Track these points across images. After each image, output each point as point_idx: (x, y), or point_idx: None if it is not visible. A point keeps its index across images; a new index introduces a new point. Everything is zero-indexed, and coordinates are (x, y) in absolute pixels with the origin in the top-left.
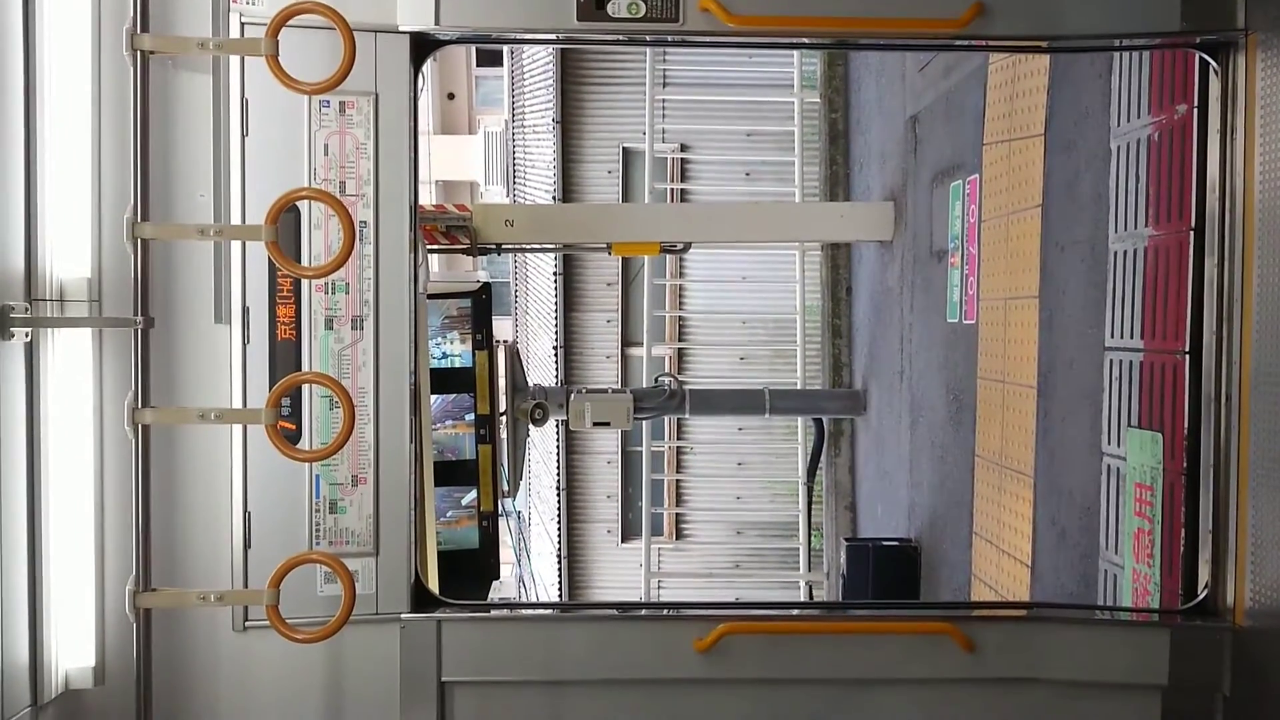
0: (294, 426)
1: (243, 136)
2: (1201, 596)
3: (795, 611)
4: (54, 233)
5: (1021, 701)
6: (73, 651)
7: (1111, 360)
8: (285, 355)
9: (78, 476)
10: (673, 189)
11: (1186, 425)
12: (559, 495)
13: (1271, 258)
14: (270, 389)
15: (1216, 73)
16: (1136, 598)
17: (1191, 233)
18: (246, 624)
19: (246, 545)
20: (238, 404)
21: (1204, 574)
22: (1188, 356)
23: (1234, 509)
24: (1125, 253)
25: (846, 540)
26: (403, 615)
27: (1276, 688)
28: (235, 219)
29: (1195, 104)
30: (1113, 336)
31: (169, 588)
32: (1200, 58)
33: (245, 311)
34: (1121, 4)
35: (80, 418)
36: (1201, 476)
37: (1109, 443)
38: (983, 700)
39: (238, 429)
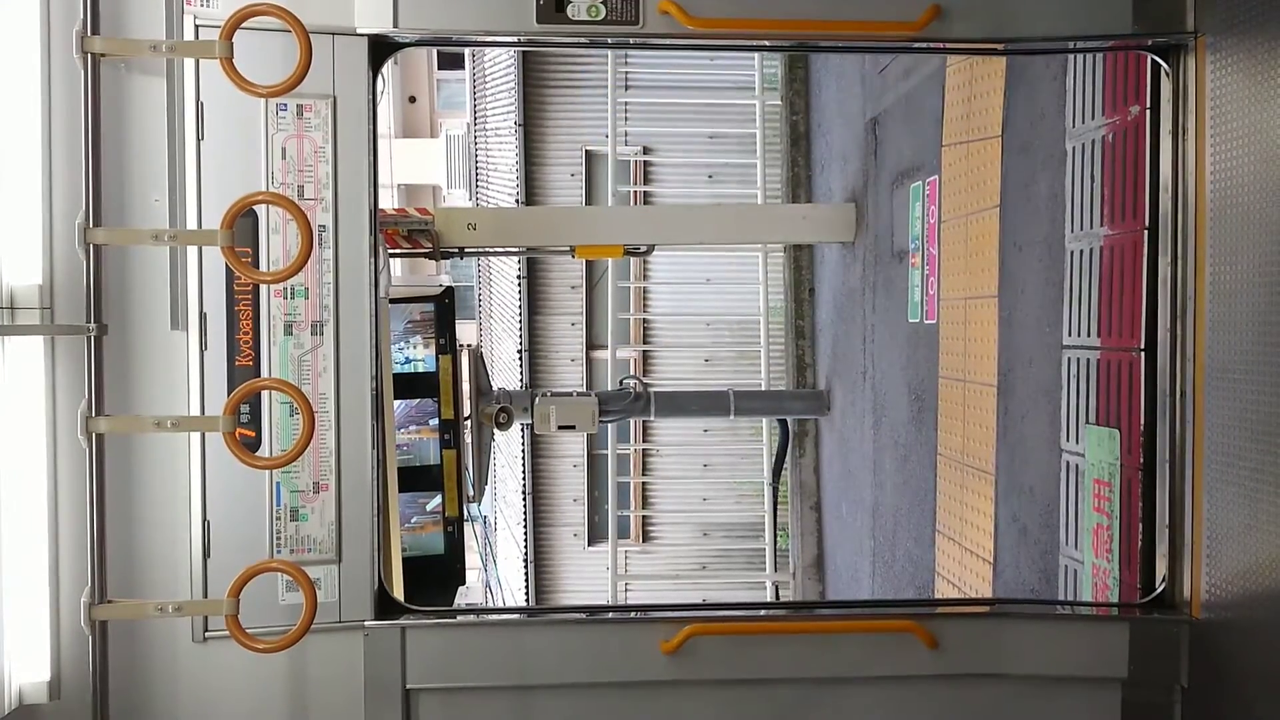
0: (253, 434)
1: (198, 140)
2: (1159, 590)
3: (761, 612)
4: (3, 239)
5: (985, 697)
6: (27, 665)
7: (1069, 358)
8: (244, 361)
9: (31, 486)
10: (636, 192)
11: (1143, 421)
12: (525, 500)
13: (1223, 255)
14: (228, 396)
15: (1168, 74)
16: (1096, 592)
17: (1145, 232)
18: (206, 635)
19: (205, 554)
20: (195, 411)
21: (1161, 568)
22: (1143, 354)
23: (1190, 503)
24: (1081, 252)
25: None
26: (366, 623)
27: (1234, 678)
28: (191, 224)
29: (1147, 105)
30: (1070, 335)
31: (126, 599)
32: (1152, 59)
33: (202, 317)
34: (1075, 7)
35: (33, 427)
36: (1158, 472)
37: (1068, 439)
38: (947, 696)
39: (195, 437)
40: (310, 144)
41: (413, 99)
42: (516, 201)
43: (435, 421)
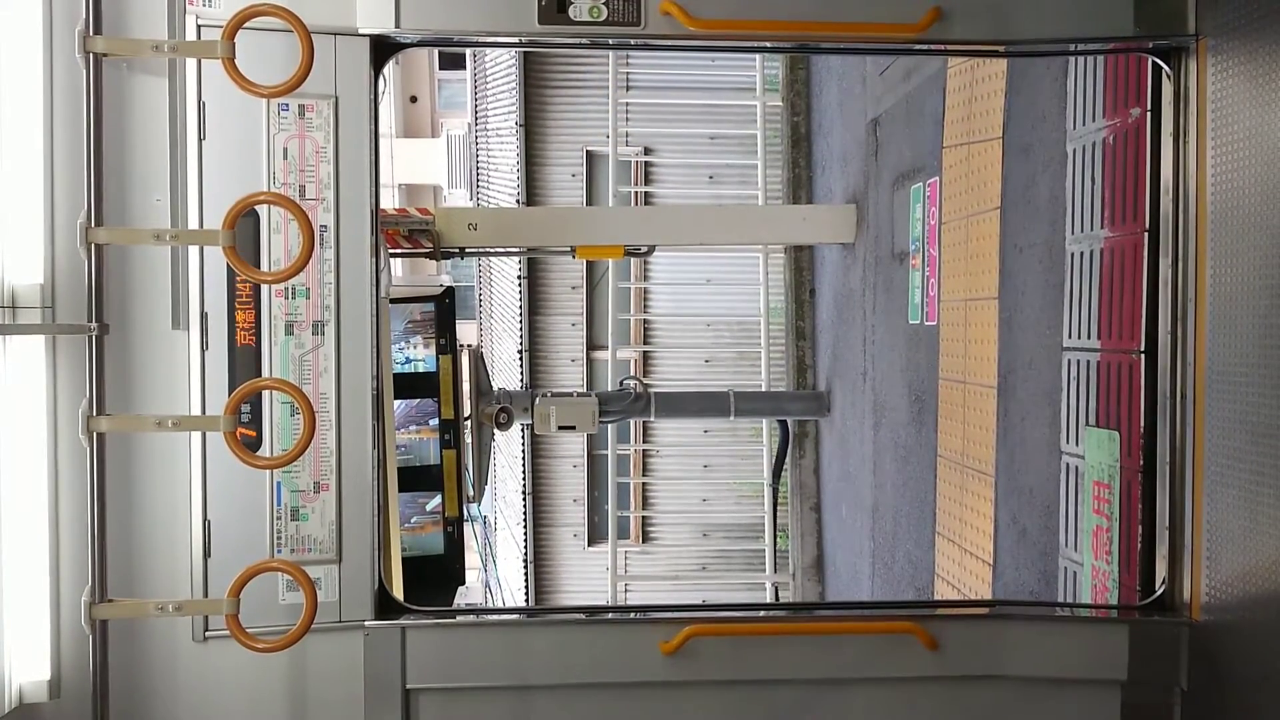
0: (254, 433)
1: (200, 140)
2: (1159, 592)
3: (761, 613)
4: (5, 239)
5: (985, 698)
6: (27, 664)
7: (1069, 360)
8: (245, 361)
9: (32, 486)
10: (637, 192)
11: (1143, 423)
12: (525, 500)
13: (1224, 258)
14: (229, 395)
15: (1169, 77)
16: (1096, 594)
17: (1146, 234)
18: (206, 634)
19: (206, 554)
20: (196, 411)
21: (1161, 570)
22: (1144, 356)
23: (1190, 505)
24: (1082, 254)
25: None
26: (366, 623)
27: (1233, 681)
28: (193, 223)
29: (1148, 107)
30: (1070, 337)
31: (126, 598)
32: (1153, 62)
33: (203, 317)
34: (1076, 9)
35: (34, 426)
36: (1158, 474)
37: (1067, 441)
38: (947, 698)
39: (196, 436)
40: (312, 144)
41: (414, 99)
42: (517, 202)
43: (435, 421)
